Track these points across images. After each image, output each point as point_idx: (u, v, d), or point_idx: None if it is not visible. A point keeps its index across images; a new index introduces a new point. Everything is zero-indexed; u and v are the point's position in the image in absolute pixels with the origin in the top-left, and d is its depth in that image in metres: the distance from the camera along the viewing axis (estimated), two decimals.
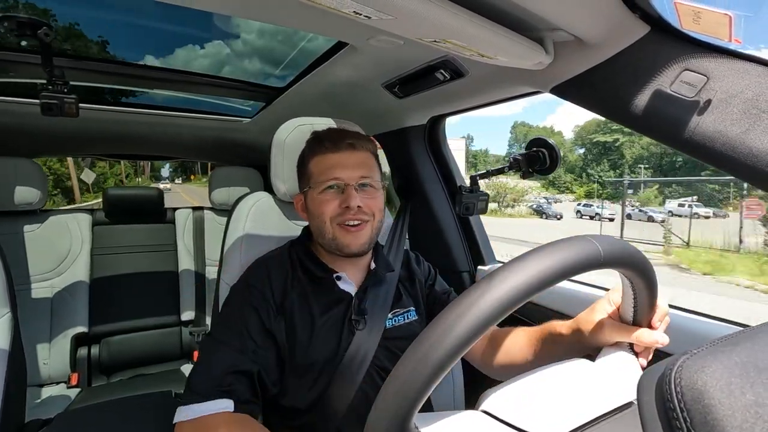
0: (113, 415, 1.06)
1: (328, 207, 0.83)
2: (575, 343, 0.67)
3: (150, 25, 1.23)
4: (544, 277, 0.38)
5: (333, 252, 0.86)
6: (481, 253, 1.44)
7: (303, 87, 1.38)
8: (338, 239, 0.83)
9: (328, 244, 0.85)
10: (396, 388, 0.36)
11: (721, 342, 0.35)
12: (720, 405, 0.29)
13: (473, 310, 0.36)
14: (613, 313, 0.62)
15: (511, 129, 48.00)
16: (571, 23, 0.67)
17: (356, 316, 0.84)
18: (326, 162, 0.84)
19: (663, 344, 0.55)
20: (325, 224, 0.83)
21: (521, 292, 0.37)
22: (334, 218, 0.83)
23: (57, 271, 1.90)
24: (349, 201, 0.81)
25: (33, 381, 1.76)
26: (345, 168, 0.83)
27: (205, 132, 2.07)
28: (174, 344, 2.15)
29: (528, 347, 0.78)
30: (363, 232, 0.84)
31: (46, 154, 2.29)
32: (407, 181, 1.50)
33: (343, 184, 0.83)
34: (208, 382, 0.70)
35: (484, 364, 0.88)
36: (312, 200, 0.86)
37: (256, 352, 0.75)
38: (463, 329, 0.36)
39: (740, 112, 0.58)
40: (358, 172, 0.84)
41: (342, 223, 0.82)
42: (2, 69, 1.40)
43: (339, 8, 0.54)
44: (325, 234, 0.84)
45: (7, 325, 0.98)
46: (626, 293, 0.55)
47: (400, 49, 0.90)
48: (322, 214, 0.83)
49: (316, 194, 0.84)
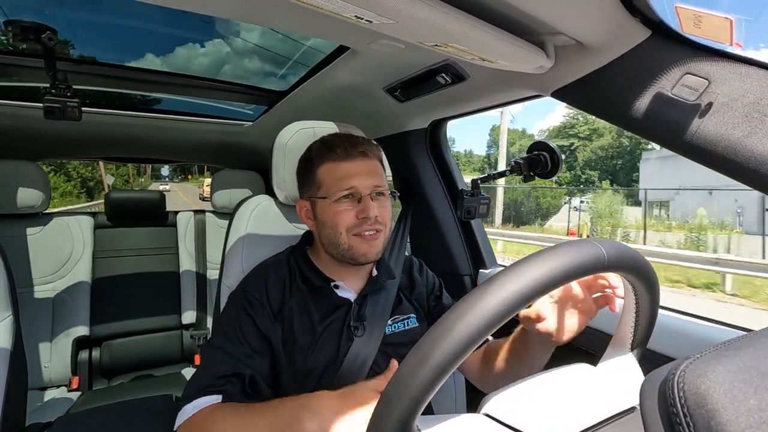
0: (114, 418, 1.06)
1: (344, 218, 0.81)
2: (527, 341, 0.74)
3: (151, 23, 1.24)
4: (553, 277, 0.38)
5: (344, 260, 0.84)
6: (482, 256, 1.44)
7: (304, 91, 1.39)
8: (354, 248, 0.81)
9: (342, 254, 0.83)
10: (399, 390, 0.36)
11: (724, 346, 0.34)
12: (723, 410, 0.29)
13: (481, 308, 0.36)
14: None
15: (490, 132, 48.83)
16: (572, 27, 0.67)
17: (355, 322, 0.83)
18: (339, 171, 0.82)
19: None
20: (341, 235, 0.81)
21: (529, 292, 0.37)
22: (351, 229, 0.81)
23: (59, 274, 1.91)
24: (368, 212, 0.80)
25: (34, 384, 1.76)
26: (359, 177, 0.81)
27: (207, 135, 2.07)
28: (175, 348, 2.15)
29: (507, 356, 0.81)
30: (378, 240, 0.83)
31: (48, 158, 2.30)
32: (408, 185, 1.50)
33: (359, 194, 0.81)
34: (200, 385, 0.71)
35: (479, 377, 0.88)
36: (325, 210, 0.83)
37: (251, 356, 0.76)
38: (469, 329, 0.35)
39: (742, 116, 0.58)
40: (372, 181, 0.83)
41: (359, 234, 0.81)
42: (6, 73, 1.41)
43: (340, 12, 0.54)
44: (339, 245, 0.82)
45: (9, 327, 0.98)
46: (627, 308, 0.54)
47: (402, 53, 0.90)
48: (337, 225, 0.81)
49: (330, 204, 0.82)
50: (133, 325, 2.07)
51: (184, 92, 1.62)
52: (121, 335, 2.04)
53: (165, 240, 2.28)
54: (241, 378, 0.73)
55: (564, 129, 36.51)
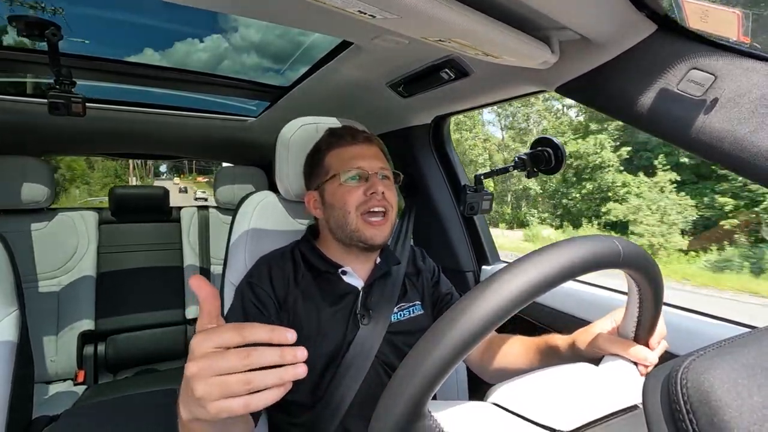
0: (119, 412, 1.07)
1: (352, 196, 0.83)
2: (571, 357, 0.68)
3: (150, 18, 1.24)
4: (571, 266, 0.38)
5: (354, 244, 0.85)
6: (485, 252, 1.44)
7: (307, 86, 1.39)
8: (361, 231, 0.83)
9: (350, 236, 0.84)
10: (413, 369, 0.36)
11: (727, 343, 0.34)
12: (727, 407, 0.28)
13: (502, 291, 0.36)
14: (612, 330, 0.62)
15: None
16: (577, 22, 0.66)
17: (361, 310, 0.84)
18: (347, 153, 0.86)
19: (653, 364, 0.55)
20: (350, 214, 0.83)
21: (549, 279, 0.37)
22: (359, 206, 0.83)
23: (64, 269, 1.92)
24: (375, 187, 0.83)
25: (40, 378, 1.78)
26: (366, 158, 0.86)
27: (211, 131, 2.08)
28: (179, 342, 2.17)
29: (524, 356, 0.79)
30: (385, 225, 0.85)
31: (53, 153, 2.32)
32: (411, 181, 1.50)
33: (366, 173, 0.84)
34: None
35: (481, 367, 0.88)
36: (333, 192, 0.86)
37: None
38: (488, 311, 0.35)
39: (748, 111, 0.58)
40: (378, 163, 0.87)
41: (366, 212, 0.83)
42: (10, 68, 1.42)
43: (344, 7, 0.54)
44: (347, 225, 0.84)
45: (15, 321, 0.99)
46: (630, 305, 0.55)
47: (405, 48, 0.90)
48: (346, 203, 0.83)
49: (338, 185, 0.85)
50: (137, 319, 2.09)
51: (188, 88, 1.62)
52: (125, 330, 2.06)
53: (169, 235, 2.30)
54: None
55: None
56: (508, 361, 0.82)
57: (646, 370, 0.56)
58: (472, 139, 26.10)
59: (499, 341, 0.86)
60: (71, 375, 1.85)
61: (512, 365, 0.81)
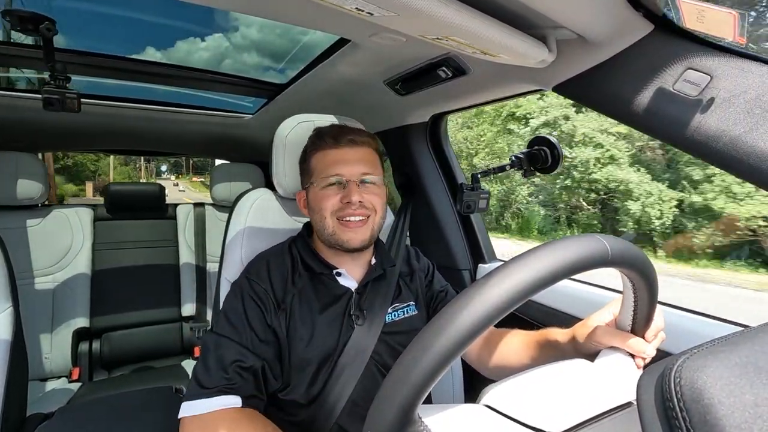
0: (114, 409, 1.07)
1: (328, 202, 0.83)
2: (571, 350, 0.69)
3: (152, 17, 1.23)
4: (558, 268, 0.38)
5: (334, 247, 0.86)
6: (481, 251, 1.44)
7: (304, 84, 1.38)
8: (338, 235, 0.83)
9: (328, 240, 0.85)
10: (401, 377, 0.36)
11: (721, 342, 0.35)
12: (719, 404, 0.29)
13: (487, 296, 0.36)
14: (610, 322, 0.63)
15: None
16: (574, 21, 0.66)
17: (355, 311, 0.84)
18: (328, 158, 0.85)
19: (650, 357, 0.56)
20: (325, 219, 0.84)
21: (536, 282, 0.37)
22: (335, 213, 0.83)
23: (59, 266, 1.91)
24: (350, 196, 0.81)
25: (34, 375, 1.77)
26: (346, 164, 0.84)
27: (207, 128, 2.07)
28: (175, 340, 2.16)
29: (523, 350, 0.79)
30: (364, 227, 0.84)
31: (48, 149, 2.30)
32: (408, 179, 1.50)
33: (345, 180, 0.83)
34: (214, 378, 0.71)
35: (479, 362, 0.89)
36: (314, 196, 0.86)
37: (258, 346, 0.76)
38: (474, 318, 0.35)
39: (743, 112, 0.58)
40: (360, 168, 0.84)
41: (342, 218, 0.83)
42: (4, 63, 1.40)
43: (341, 5, 0.53)
44: (325, 229, 0.84)
45: (9, 319, 0.98)
46: (626, 299, 0.55)
47: (403, 46, 0.90)
48: (322, 209, 0.84)
49: (318, 190, 0.85)
50: (132, 317, 2.07)
51: (184, 84, 1.61)
52: (120, 327, 2.04)
53: (165, 232, 2.28)
54: (253, 372, 0.74)
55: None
56: (506, 357, 0.82)
57: (644, 363, 0.56)
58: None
59: (498, 336, 0.86)
60: (66, 372, 1.84)
61: (511, 360, 0.81)
